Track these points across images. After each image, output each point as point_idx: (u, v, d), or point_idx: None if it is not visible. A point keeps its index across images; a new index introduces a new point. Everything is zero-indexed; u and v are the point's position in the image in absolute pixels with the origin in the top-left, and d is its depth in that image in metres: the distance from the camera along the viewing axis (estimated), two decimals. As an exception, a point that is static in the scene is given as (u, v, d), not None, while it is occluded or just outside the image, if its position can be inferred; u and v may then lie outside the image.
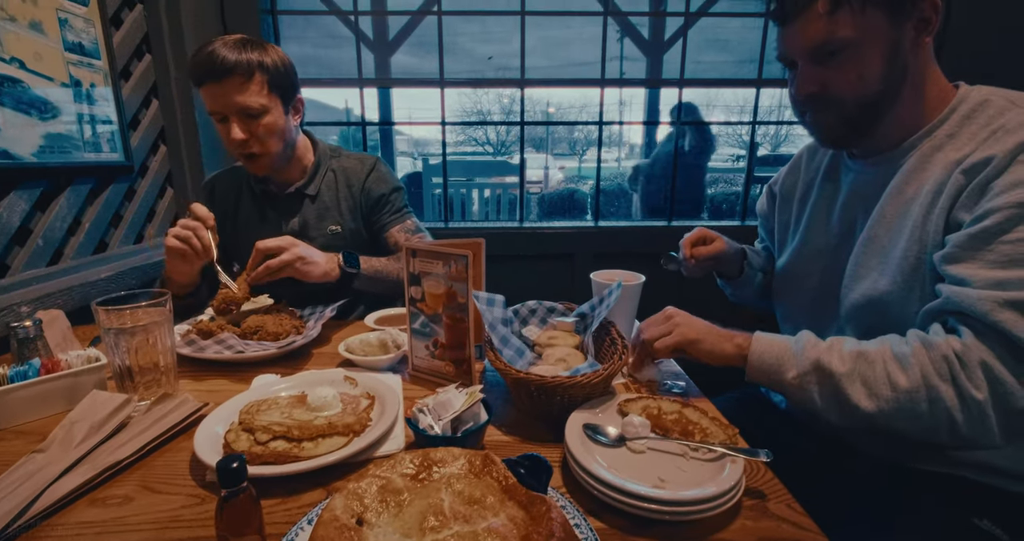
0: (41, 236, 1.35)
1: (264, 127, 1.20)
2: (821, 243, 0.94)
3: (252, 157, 1.23)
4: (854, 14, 0.72)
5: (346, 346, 1.00)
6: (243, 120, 1.18)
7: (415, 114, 5.74)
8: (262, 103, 1.18)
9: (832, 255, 0.91)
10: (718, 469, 0.62)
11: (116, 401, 0.77)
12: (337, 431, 0.71)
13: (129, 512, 0.61)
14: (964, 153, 0.72)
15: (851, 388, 0.69)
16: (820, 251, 0.94)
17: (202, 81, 1.16)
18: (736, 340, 0.80)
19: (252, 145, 1.21)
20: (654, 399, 0.75)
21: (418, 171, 5.15)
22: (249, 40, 1.19)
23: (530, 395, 0.78)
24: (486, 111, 14.57)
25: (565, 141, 18.55)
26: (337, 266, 1.19)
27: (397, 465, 0.58)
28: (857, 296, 0.82)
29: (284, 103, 1.25)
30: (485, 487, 0.55)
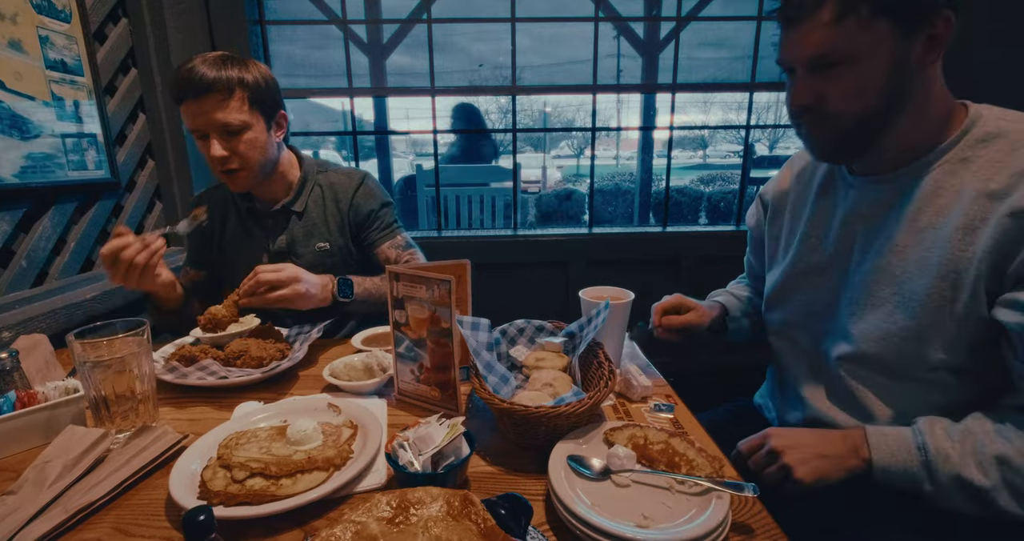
0: (24, 257, 1.33)
1: (245, 143, 1.19)
2: (814, 260, 0.92)
3: (232, 173, 1.21)
4: (861, 25, 0.68)
5: (331, 371, 0.99)
6: (223, 137, 1.17)
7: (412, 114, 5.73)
8: (242, 119, 1.17)
9: (825, 272, 0.90)
10: (704, 504, 0.60)
11: (92, 437, 0.75)
12: (317, 465, 0.70)
13: (101, 559, 0.59)
14: (994, 187, 0.69)
15: (1001, 498, 0.66)
16: (813, 268, 0.92)
17: (182, 98, 1.14)
18: (849, 463, 0.75)
19: (232, 161, 1.19)
20: (640, 427, 0.74)
21: (414, 174, 5.13)
22: (230, 57, 1.18)
23: (515, 424, 0.76)
24: (483, 111, 14.58)
25: (563, 139, 18.41)
26: (331, 294, 1.17)
27: (373, 508, 0.57)
28: (868, 326, 0.80)
29: (266, 119, 1.23)
30: (463, 531, 0.54)
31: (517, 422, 0.75)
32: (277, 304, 1.06)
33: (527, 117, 11.68)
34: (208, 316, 1.05)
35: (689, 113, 2.83)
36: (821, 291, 0.90)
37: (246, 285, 1.05)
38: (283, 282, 1.05)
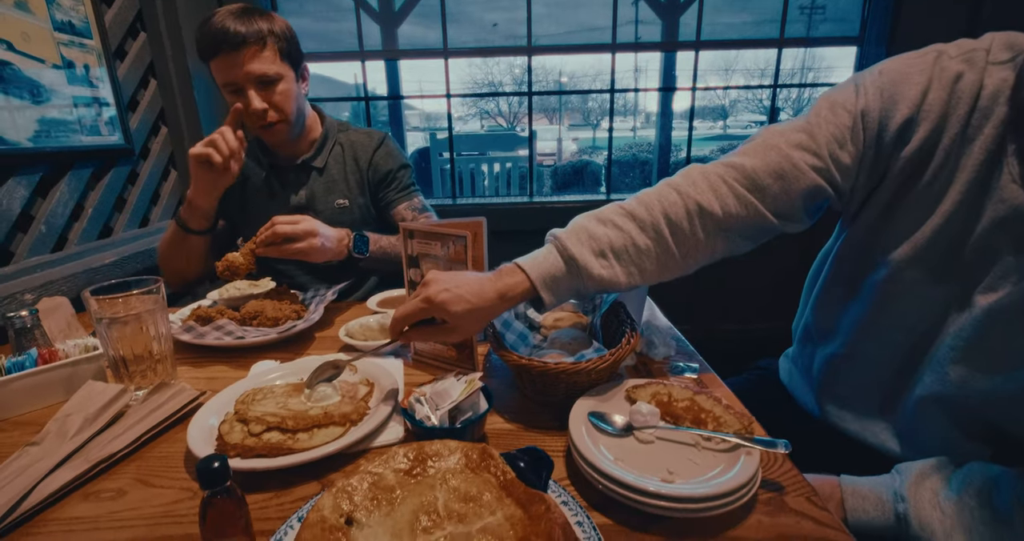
0: (43, 222, 1.34)
1: (280, 94, 1.19)
2: (937, 259, 0.68)
3: (270, 126, 1.22)
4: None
5: (346, 331, 0.97)
6: (259, 89, 1.17)
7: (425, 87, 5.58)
8: (276, 70, 1.17)
9: (941, 282, 0.69)
10: (732, 461, 0.58)
11: (111, 392, 0.76)
12: (333, 421, 0.69)
13: (122, 507, 0.59)
14: None
15: None
16: (934, 269, 0.68)
17: (215, 53, 1.13)
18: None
19: (271, 114, 1.20)
20: (664, 385, 0.71)
21: (428, 146, 5.07)
22: (253, 8, 1.16)
23: (533, 381, 0.74)
24: (497, 82, 14.23)
25: (579, 111, 18.04)
26: (345, 249, 1.16)
27: (390, 460, 0.55)
28: (980, 382, 0.65)
29: (295, 70, 1.23)
30: (482, 483, 0.52)
31: (536, 379, 0.73)
32: (292, 256, 1.05)
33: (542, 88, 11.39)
34: (225, 262, 1.04)
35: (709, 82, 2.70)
36: (928, 301, 0.71)
37: (263, 235, 1.03)
38: (299, 235, 1.03)
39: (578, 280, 0.69)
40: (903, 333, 0.74)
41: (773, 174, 0.71)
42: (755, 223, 0.72)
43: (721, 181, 0.72)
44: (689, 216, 0.71)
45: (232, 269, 1.06)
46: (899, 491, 0.67)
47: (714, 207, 0.71)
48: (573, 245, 0.69)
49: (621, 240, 0.70)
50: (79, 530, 0.56)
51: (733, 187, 0.71)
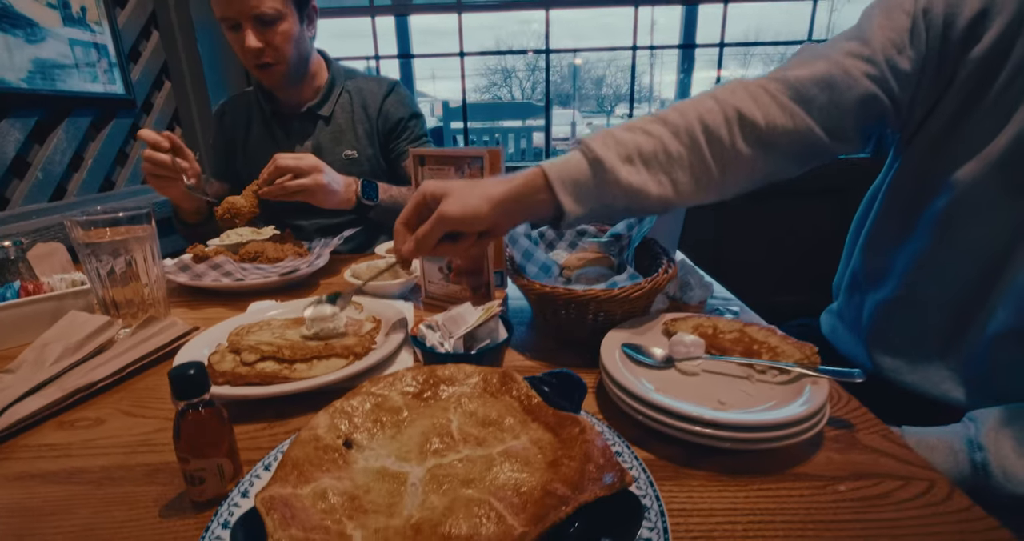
0: (40, 169, 1.28)
1: (280, 35, 1.11)
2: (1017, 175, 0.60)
3: (266, 67, 1.14)
4: None
5: (352, 272, 0.90)
6: (257, 28, 1.09)
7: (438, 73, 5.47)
8: (277, 8, 1.08)
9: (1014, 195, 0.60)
10: (794, 392, 0.49)
11: (96, 323, 0.69)
12: (335, 353, 0.62)
13: (98, 435, 0.53)
14: None
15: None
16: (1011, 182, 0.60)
17: None
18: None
19: (267, 54, 1.12)
20: (707, 318, 0.63)
21: (440, 126, 4.98)
22: None
23: (557, 314, 0.66)
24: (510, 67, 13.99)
25: (593, 98, 17.80)
26: (354, 195, 1.09)
27: (397, 382, 0.48)
28: None
29: (299, 11, 1.14)
30: (503, 407, 0.45)
31: (561, 311, 0.65)
32: (298, 197, 0.97)
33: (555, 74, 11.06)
34: (226, 206, 0.97)
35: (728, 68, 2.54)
36: (1000, 225, 0.62)
37: (265, 173, 0.96)
38: (304, 170, 0.96)
39: (603, 187, 0.60)
40: (969, 265, 0.65)
41: (821, 83, 0.61)
42: (802, 138, 0.63)
43: (763, 91, 0.63)
44: (728, 123, 0.61)
45: (234, 211, 0.99)
46: (975, 439, 0.58)
47: (755, 115, 0.61)
48: (599, 147, 0.60)
49: (651, 145, 0.61)
50: (49, 457, 0.50)
51: (776, 97, 0.62)
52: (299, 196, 0.98)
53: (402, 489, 0.36)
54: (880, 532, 0.38)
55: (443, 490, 0.36)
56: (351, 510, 0.34)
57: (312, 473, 0.37)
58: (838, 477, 0.43)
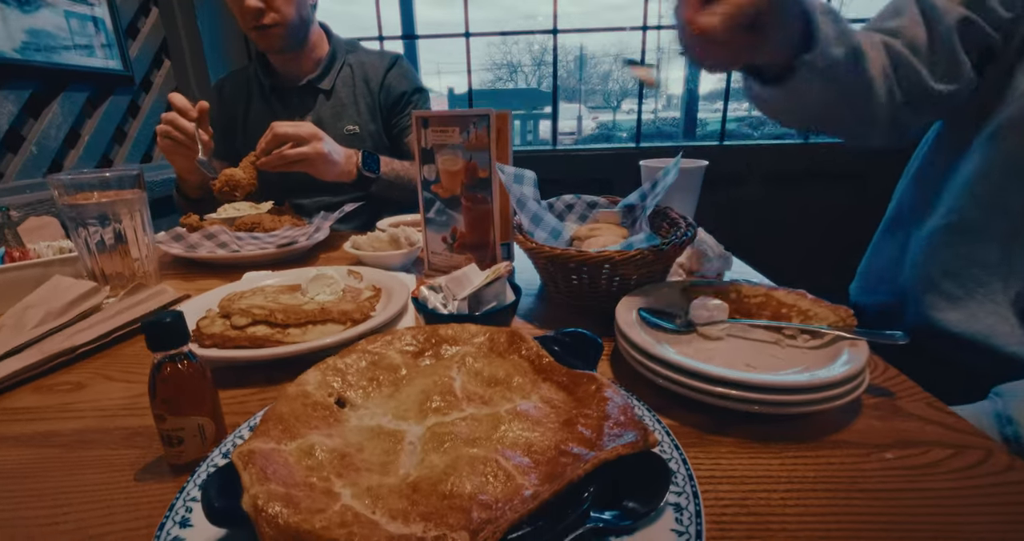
0: (35, 144, 1.25)
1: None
2: None
3: (265, 29, 1.10)
4: None
5: (353, 243, 0.86)
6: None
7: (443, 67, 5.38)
8: None
9: None
10: (829, 356, 0.45)
11: (82, 288, 0.66)
12: (331, 318, 0.58)
13: (76, 398, 0.50)
14: None
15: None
16: None
17: None
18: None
19: (266, 15, 1.08)
20: (730, 283, 0.58)
21: (445, 111, 4.92)
22: None
23: (568, 280, 0.62)
24: (516, 62, 13.92)
25: (599, 93, 17.75)
26: (355, 167, 1.05)
27: (395, 341, 0.44)
28: None
29: None
30: (511, 367, 0.41)
31: (572, 275, 0.61)
32: (297, 167, 0.94)
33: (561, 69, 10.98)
34: (224, 178, 0.93)
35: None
36: None
37: (263, 142, 0.92)
38: (303, 137, 0.92)
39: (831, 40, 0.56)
40: (1020, 189, 0.62)
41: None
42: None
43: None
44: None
45: (232, 184, 0.95)
46: (1004, 413, 0.54)
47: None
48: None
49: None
50: (23, 420, 0.46)
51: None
52: (298, 166, 0.95)
53: (398, 447, 0.32)
54: (938, 502, 0.33)
55: (444, 448, 0.32)
56: (340, 468, 0.30)
57: (299, 429, 0.33)
58: (882, 445, 0.39)
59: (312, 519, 0.25)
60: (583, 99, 15.21)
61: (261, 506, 0.25)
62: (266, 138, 0.93)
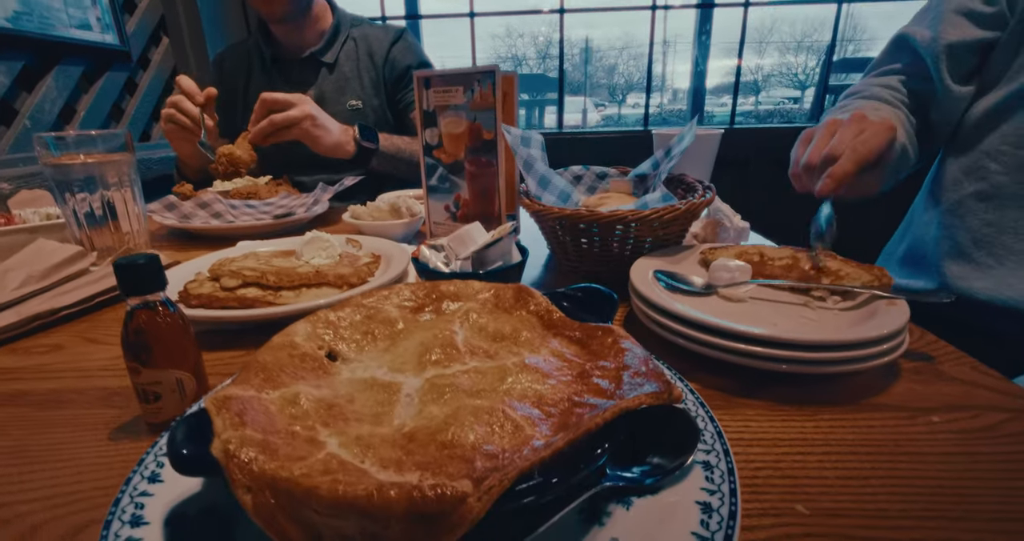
0: (28, 117, 1.22)
1: None
2: None
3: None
4: None
5: (352, 213, 0.83)
6: None
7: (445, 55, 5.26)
8: None
9: None
10: (864, 317, 0.41)
11: (66, 252, 0.63)
12: (327, 281, 0.55)
13: (53, 360, 0.47)
14: None
15: None
16: None
17: None
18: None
19: None
20: (753, 246, 0.55)
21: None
22: None
23: (578, 244, 0.58)
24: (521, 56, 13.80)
25: (604, 86, 17.73)
26: (352, 140, 1.01)
27: (392, 296, 0.41)
28: None
29: None
30: (518, 322, 0.38)
31: (582, 237, 0.57)
32: (289, 134, 0.90)
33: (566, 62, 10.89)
34: (224, 157, 0.90)
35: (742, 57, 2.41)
36: None
37: (254, 114, 0.89)
38: (290, 101, 0.89)
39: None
40: None
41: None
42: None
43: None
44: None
45: (233, 162, 0.92)
46: None
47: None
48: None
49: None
50: (-6, 382, 0.43)
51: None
52: (290, 134, 0.92)
53: (394, 399, 0.29)
54: (995, 466, 0.30)
55: (444, 399, 0.28)
56: (328, 417, 0.27)
57: (283, 379, 0.30)
58: (926, 409, 0.36)
59: (291, 466, 0.21)
60: (588, 92, 15.11)
61: (233, 451, 0.22)
62: (256, 111, 0.90)
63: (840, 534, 0.26)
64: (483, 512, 0.20)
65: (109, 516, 0.24)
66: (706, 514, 0.24)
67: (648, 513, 0.25)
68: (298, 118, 0.89)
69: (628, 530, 0.24)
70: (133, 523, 0.24)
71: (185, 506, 0.26)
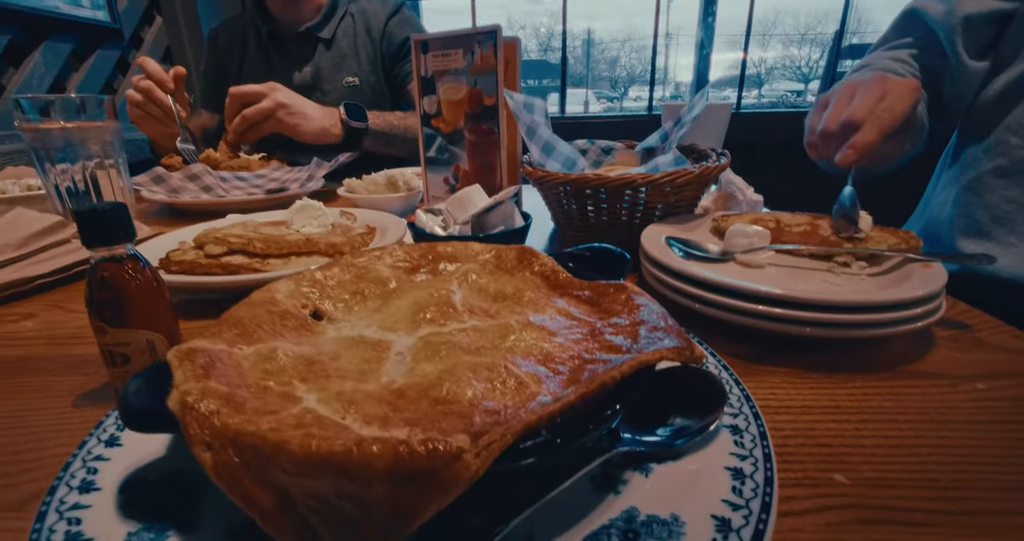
0: (14, 94, 1.18)
1: None
2: None
3: None
4: None
5: (347, 186, 0.80)
6: None
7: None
8: None
9: None
10: (895, 280, 0.38)
11: (45, 221, 0.59)
12: (317, 249, 0.52)
13: (25, 328, 0.44)
14: None
15: None
16: None
17: None
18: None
19: None
20: (768, 213, 0.51)
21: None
22: None
23: (584, 213, 0.55)
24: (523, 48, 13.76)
25: (606, 79, 17.72)
26: (339, 122, 0.98)
27: (385, 256, 0.38)
28: None
29: None
30: (521, 283, 0.34)
31: (588, 205, 0.54)
32: (267, 127, 0.88)
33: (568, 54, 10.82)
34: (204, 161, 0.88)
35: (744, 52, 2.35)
36: None
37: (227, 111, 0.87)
38: (260, 92, 0.88)
39: None
40: None
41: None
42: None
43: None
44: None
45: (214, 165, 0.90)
46: None
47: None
48: None
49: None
50: (-41, 350, 0.40)
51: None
52: (268, 126, 0.89)
53: (383, 357, 0.26)
54: (1054, 433, 0.27)
55: (440, 357, 0.25)
56: (307, 373, 0.24)
57: (259, 335, 0.27)
58: (968, 376, 0.33)
59: (258, 420, 0.18)
60: (590, 85, 15.06)
61: (192, 403, 0.19)
62: (228, 107, 0.88)
63: (887, 506, 0.23)
64: (481, 470, 0.17)
65: (56, 481, 0.22)
66: (738, 480, 0.21)
67: (669, 480, 0.22)
68: (270, 109, 0.86)
69: (648, 498, 0.21)
70: (83, 489, 0.21)
71: (145, 472, 0.23)
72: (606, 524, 0.20)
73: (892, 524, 0.22)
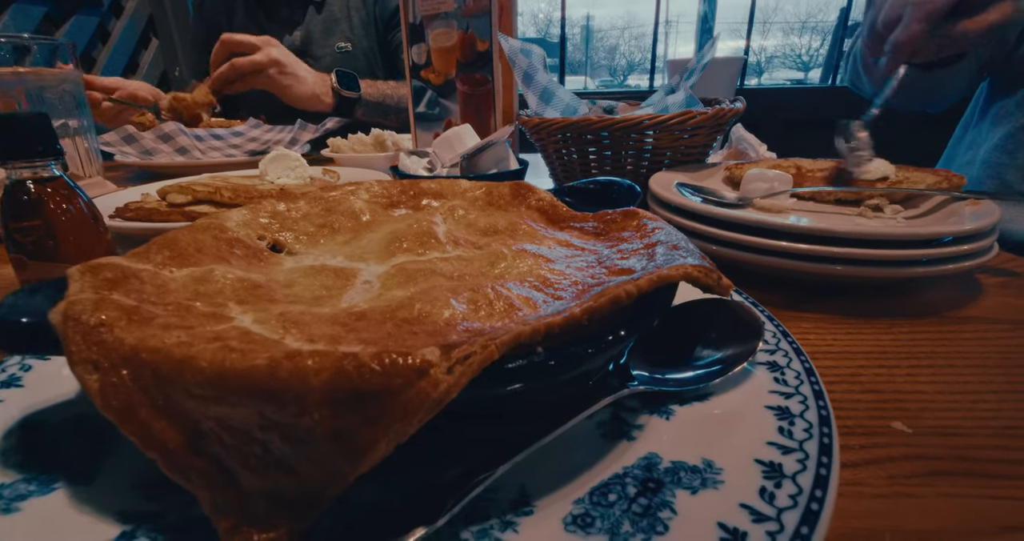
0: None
1: None
2: None
3: None
4: None
5: (332, 146, 0.75)
6: None
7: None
8: None
9: None
10: (939, 220, 0.34)
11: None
12: (292, 201, 0.47)
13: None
14: None
15: None
16: None
17: None
18: None
19: None
20: (785, 159, 0.47)
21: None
22: None
23: (586, 163, 0.50)
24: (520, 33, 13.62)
25: (605, 67, 17.59)
26: (330, 90, 0.93)
27: (360, 191, 0.33)
28: None
29: None
30: (515, 217, 0.30)
31: (590, 151, 0.49)
32: (256, 83, 0.83)
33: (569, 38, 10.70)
34: (170, 105, 0.82)
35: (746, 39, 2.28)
36: None
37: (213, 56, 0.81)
38: (255, 44, 0.81)
39: None
40: None
41: None
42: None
43: None
44: None
45: (185, 107, 0.83)
46: None
47: None
48: None
49: None
50: None
51: None
52: (256, 81, 0.84)
53: (347, 284, 0.22)
54: None
55: (415, 282, 0.21)
56: (247, 296, 0.19)
57: (199, 259, 0.22)
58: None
59: (162, 335, 0.14)
60: (589, 73, 14.83)
61: (76, 313, 0.14)
62: (216, 52, 0.82)
63: (959, 456, 0.18)
64: (454, 391, 0.12)
65: (-73, 423, 0.17)
66: (785, 420, 0.17)
67: (697, 423, 0.18)
68: (263, 63, 0.80)
69: (671, 443, 0.17)
70: (-42, 432, 0.17)
71: (46, 414, 0.18)
72: (619, 473, 0.16)
73: (971, 476, 0.17)
